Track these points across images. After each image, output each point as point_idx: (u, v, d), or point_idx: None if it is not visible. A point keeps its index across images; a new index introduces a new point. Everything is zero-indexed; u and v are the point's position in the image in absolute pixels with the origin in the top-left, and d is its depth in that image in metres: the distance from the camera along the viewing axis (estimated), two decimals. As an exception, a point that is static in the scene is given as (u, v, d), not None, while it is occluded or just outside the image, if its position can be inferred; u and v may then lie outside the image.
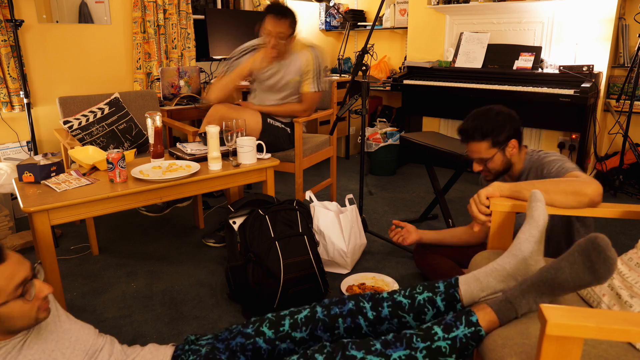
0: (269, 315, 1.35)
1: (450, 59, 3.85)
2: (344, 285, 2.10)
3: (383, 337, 1.16)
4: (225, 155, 2.10)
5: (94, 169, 1.94)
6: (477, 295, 1.22)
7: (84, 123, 2.49)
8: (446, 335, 1.12)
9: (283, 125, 2.63)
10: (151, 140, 2.03)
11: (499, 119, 1.65)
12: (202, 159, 2.06)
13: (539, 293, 1.11)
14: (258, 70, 2.59)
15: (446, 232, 2.05)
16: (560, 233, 1.65)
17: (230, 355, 1.28)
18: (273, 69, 2.60)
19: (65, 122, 2.47)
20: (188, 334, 1.41)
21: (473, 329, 1.12)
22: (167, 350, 1.32)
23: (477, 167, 1.74)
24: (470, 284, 1.23)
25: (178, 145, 2.25)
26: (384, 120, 4.22)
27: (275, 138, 2.57)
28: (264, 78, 2.65)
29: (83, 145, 2.44)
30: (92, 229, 2.43)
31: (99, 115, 2.55)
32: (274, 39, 2.42)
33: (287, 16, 2.40)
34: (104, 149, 2.47)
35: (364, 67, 2.37)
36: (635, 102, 3.31)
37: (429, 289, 1.27)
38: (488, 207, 1.41)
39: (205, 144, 2.16)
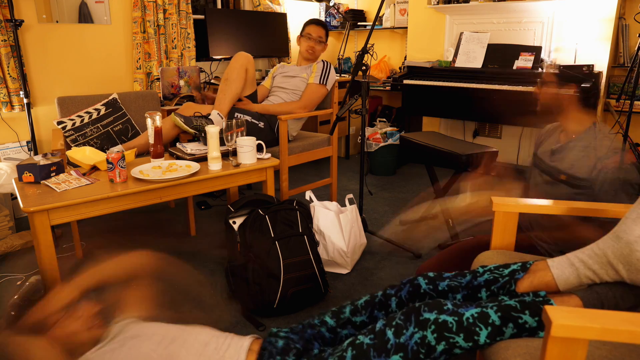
0: (334, 308, 1.41)
1: (450, 58, 3.84)
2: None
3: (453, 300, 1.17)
4: (225, 155, 2.09)
5: (94, 169, 1.93)
6: (572, 282, 1.12)
7: (78, 124, 2.47)
8: (516, 300, 1.11)
9: (253, 119, 2.63)
10: (151, 141, 2.02)
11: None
12: (202, 159, 2.05)
13: (629, 287, 1.06)
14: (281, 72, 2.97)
15: None
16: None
17: (305, 344, 1.35)
18: (292, 71, 2.90)
19: (59, 123, 2.45)
20: (271, 327, 1.45)
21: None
22: (245, 342, 1.36)
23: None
24: (563, 268, 1.12)
25: (178, 145, 2.24)
26: (384, 120, 4.22)
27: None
28: (282, 78, 2.90)
29: (75, 146, 2.42)
30: (76, 232, 2.43)
31: (94, 116, 2.53)
32: (313, 40, 2.86)
33: (324, 26, 2.92)
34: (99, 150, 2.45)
35: (364, 67, 2.36)
36: (635, 102, 3.31)
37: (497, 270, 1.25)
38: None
39: (205, 143, 2.16)
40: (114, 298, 1.47)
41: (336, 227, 2.21)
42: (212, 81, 3.73)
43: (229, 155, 2.08)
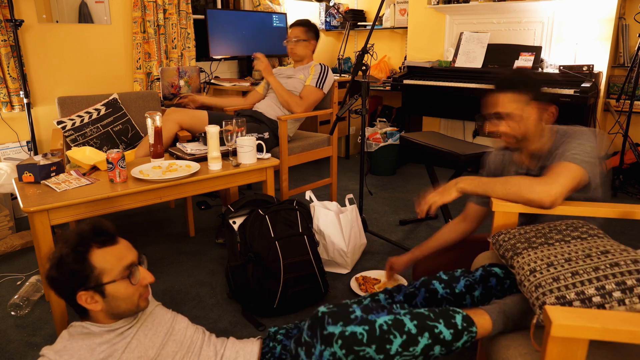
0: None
1: (450, 58, 3.84)
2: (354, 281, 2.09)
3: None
4: (225, 155, 2.09)
5: (94, 168, 1.93)
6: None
7: (78, 124, 2.47)
8: (429, 310, 1.11)
9: (258, 134, 2.63)
10: (151, 141, 2.02)
11: (544, 77, 1.52)
12: (202, 159, 2.05)
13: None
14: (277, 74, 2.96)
15: (432, 241, 1.87)
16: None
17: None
18: (288, 72, 2.90)
19: (59, 123, 2.45)
20: (269, 328, 1.45)
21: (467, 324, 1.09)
22: (254, 346, 1.35)
23: (502, 127, 1.48)
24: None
25: (178, 145, 2.24)
26: (384, 120, 4.22)
27: None
28: (279, 79, 2.87)
29: (75, 146, 2.42)
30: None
31: (94, 116, 2.53)
32: (291, 42, 2.85)
33: (302, 24, 2.85)
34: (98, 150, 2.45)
35: (364, 67, 2.36)
36: (635, 102, 3.31)
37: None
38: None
39: (205, 144, 2.16)
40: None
41: (336, 227, 2.21)
42: (212, 81, 3.73)
43: (229, 155, 2.08)
